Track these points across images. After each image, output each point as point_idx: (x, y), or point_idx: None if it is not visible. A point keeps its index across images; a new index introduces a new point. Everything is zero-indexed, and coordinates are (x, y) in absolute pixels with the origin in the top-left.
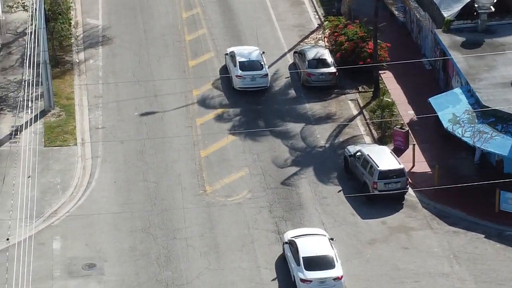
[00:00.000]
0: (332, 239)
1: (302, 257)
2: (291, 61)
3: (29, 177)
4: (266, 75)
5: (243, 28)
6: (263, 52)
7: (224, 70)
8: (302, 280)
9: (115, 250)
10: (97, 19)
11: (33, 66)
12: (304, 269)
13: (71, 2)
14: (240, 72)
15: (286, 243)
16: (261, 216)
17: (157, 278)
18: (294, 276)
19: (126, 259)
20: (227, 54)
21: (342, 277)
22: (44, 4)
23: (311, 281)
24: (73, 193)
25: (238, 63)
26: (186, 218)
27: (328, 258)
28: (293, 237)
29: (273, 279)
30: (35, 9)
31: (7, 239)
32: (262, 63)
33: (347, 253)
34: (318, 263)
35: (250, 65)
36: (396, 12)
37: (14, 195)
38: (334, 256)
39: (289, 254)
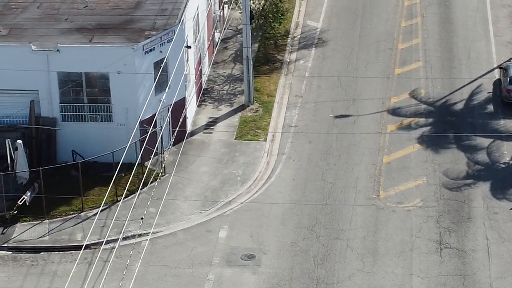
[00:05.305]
0: None
1: None
2: (497, 76)
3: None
4: None
5: (458, 40)
6: None
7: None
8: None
9: (276, 244)
10: (317, 22)
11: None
12: None
13: (288, 3)
14: None
15: None
16: (427, 225)
17: (310, 275)
18: None
19: (284, 254)
20: None
21: None
22: (250, 2)
23: None
24: (251, 186)
25: None
26: (353, 220)
27: None
28: None
29: None
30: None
31: (141, 218)
32: None
33: (504, 270)
34: None
35: None
36: None
37: (195, 182)
38: None
39: None
